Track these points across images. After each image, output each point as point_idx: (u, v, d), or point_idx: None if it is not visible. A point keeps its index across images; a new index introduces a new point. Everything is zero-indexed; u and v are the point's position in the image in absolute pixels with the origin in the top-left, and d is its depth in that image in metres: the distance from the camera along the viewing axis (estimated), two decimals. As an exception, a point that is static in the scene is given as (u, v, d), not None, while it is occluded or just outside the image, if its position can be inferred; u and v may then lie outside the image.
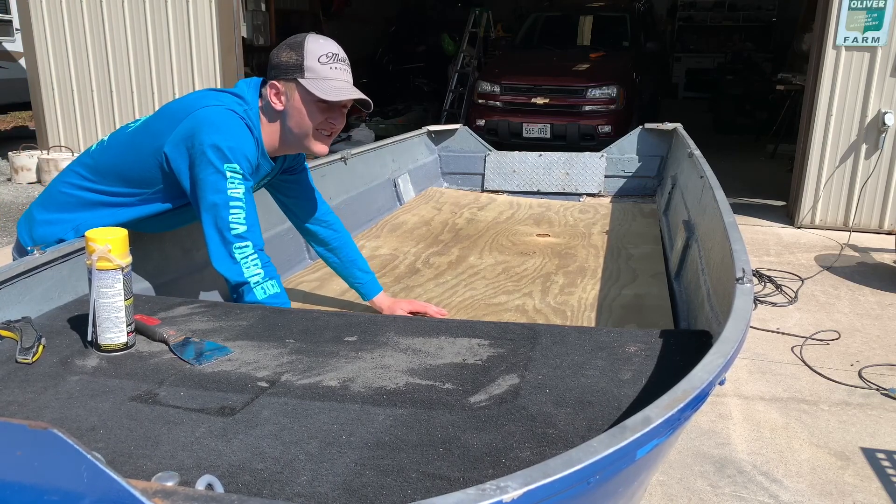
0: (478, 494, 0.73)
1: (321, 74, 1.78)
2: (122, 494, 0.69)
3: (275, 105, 1.82)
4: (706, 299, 1.86)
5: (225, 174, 1.74)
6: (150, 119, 1.89)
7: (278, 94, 1.82)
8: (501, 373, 1.32)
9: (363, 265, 2.30)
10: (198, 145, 1.74)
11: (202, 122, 1.75)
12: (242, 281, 1.77)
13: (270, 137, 1.88)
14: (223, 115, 1.77)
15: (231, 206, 1.75)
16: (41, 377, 1.32)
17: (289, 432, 1.12)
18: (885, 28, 5.42)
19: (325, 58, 1.79)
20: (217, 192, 1.75)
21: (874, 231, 5.70)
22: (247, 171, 1.79)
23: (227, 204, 1.75)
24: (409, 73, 12.81)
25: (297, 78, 1.78)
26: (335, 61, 1.81)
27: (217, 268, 1.78)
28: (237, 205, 1.76)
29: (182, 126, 1.77)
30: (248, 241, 1.78)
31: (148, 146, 1.82)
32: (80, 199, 1.90)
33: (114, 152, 1.89)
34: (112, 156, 1.88)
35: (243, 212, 1.77)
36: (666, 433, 0.94)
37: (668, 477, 2.48)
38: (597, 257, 2.99)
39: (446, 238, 3.30)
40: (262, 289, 1.79)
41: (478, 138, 4.62)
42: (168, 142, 1.78)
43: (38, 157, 7.51)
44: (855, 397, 3.07)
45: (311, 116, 1.82)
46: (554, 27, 9.66)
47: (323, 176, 3.19)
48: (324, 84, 1.78)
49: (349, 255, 2.28)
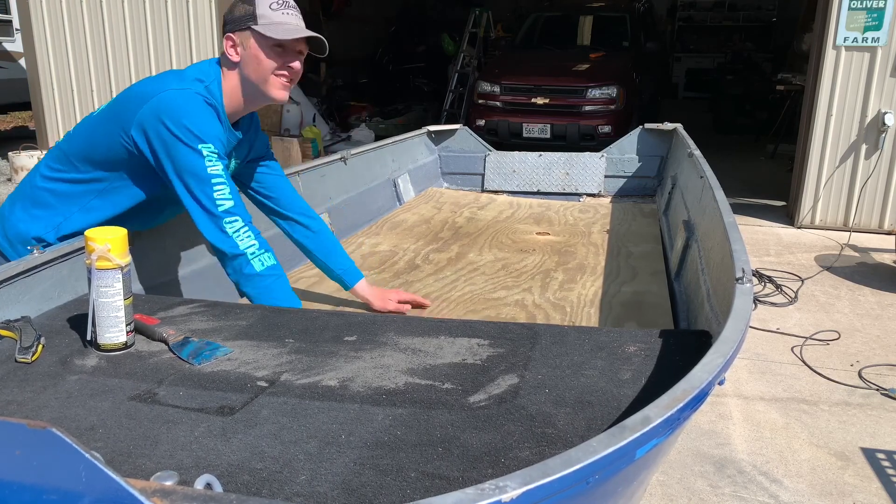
0: (477, 494, 0.73)
1: (273, 20, 1.83)
2: (120, 494, 0.69)
3: (231, 57, 1.86)
4: (706, 299, 1.86)
5: (201, 153, 1.76)
6: (113, 102, 1.89)
7: (234, 46, 1.86)
8: (501, 372, 1.32)
9: (343, 252, 2.29)
10: (168, 129, 1.75)
11: (168, 106, 1.76)
12: (239, 252, 1.79)
13: (232, 97, 1.90)
14: (188, 97, 1.78)
15: (214, 184, 1.76)
16: (40, 376, 1.32)
17: (288, 432, 1.12)
18: (885, 28, 5.42)
19: (275, 4, 1.85)
20: (197, 172, 1.76)
21: (874, 231, 5.70)
22: (221, 151, 1.81)
23: (209, 182, 1.76)
24: (409, 73, 12.81)
25: (251, 26, 1.83)
26: (285, 7, 1.86)
27: (212, 242, 1.79)
28: (220, 181, 1.77)
29: (146, 109, 1.77)
30: (236, 215, 1.79)
31: (113, 128, 1.83)
32: (53, 191, 1.90)
33: (81, 138, 1.90)
34: (79, 141, 1.90)
35: (227, 187, 1.78)
36: (665, 433, 0.94)
37: (668, 477, 2.48)
38: (596, 255, 2.99)
39: (446, 236, 3.30)
40: (259, 261, 1.80)
41: (478, 138, 4.62)
42: (133, 125, 1.79)
43: (38, 158, 7.51)
44: (855, 397, 3.07)
45: (267, 61, 1.85)
46: (554, 27, 9.66)
47: (323, 176, 3.19)
48: (276, 27, 1.83)
49: (329, 240, 2.27)
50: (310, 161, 3.33)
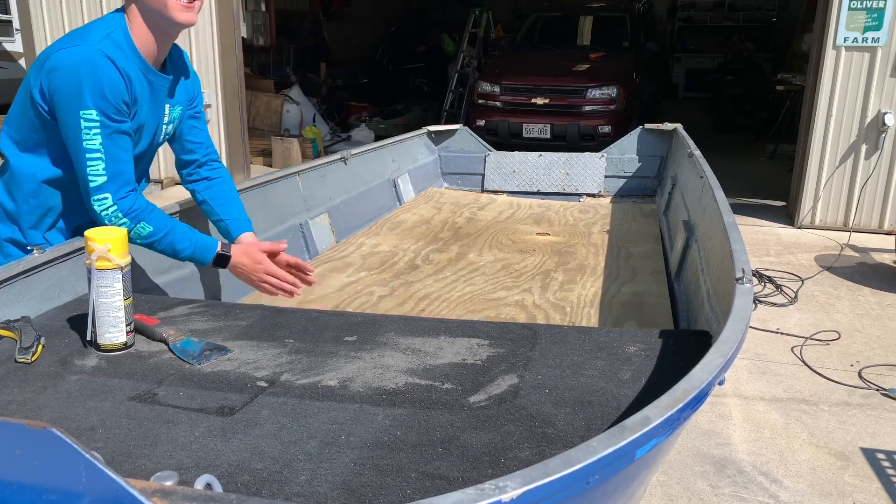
0: (477, 494, 0.73)
1: None
2: (120, 494, 0.69)
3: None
4: (706, 299, 1.86)
5: (79, 123, 1.70)
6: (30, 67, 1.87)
7: None
8: (501, 373, 1.32)
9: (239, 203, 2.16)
10: (55, 94, 1.72)
11: (57, 69, 1.71)
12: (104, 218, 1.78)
13: (141, 35, 1.83)
14: (77, 55, 1.71)
15: (88, 159, 1.72)
16: (40, 376, 1.32)
17: (288, 432, 1.12)
18: (885, 28, 5.42)
19: None
20: (75, 144, 1.72)
21: (874, 231, 5.70)
22: (109, 112, 1.73)
23: (84, 156, 1.72)
24: (409, 73, 12.80)
25: None
26: None
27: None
28: (94, 156, 1.72)
29: (42, 72, 1.74)
30: (106, 192, 1.75)
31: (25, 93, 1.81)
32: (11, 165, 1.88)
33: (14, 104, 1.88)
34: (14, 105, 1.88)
35: (101, 162, 1.73)
36: (665, 433, 0.94)
37: (668, 477, 2.48)
38: (596, 255, 2.99)
39: (446, 236, 3.30)
40: (135, 233, 1.79)
41: (478, 138, 4.62)
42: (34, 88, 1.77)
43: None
44: (855, 397, 3.07)
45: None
46: (554, 27, 9.66)
47: (323, 176, 3.19)
48: None
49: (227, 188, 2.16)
50: (310, 161, 3.33)
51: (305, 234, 2.92)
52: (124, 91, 1.75)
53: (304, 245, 2.90)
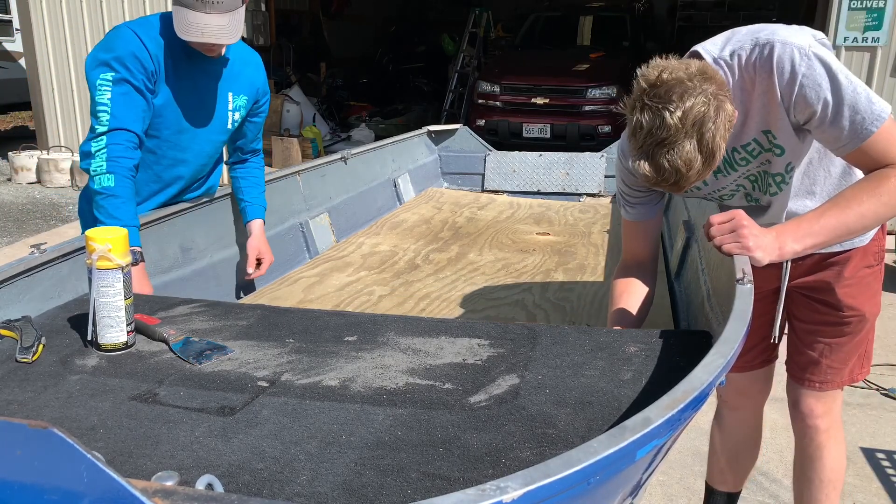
0: (478, 494, 0.73)
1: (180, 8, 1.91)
2: (121, 494, 0.69)
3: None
4: (706, 300, 1.86)
5: (95, 83, 1.94)
6: None
7: None
8: (501, 373, 1.32)
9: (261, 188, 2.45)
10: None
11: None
12: (88, 170, 1.94)
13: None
14: (111, 31, 2.00)
15: (98, 112, 1.94)
16: (41, 376, 1.32)
17: (288, 432, 1.12)
18: (885, 28, 5.42)
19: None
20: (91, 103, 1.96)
21: (874, 231, 5.70)
22: (121, 69, 1.93)
23: (95, 111, 1.95)
24: (409, 73, 12.81)
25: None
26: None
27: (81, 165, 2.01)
28: (103, 109, 1.93)
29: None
30: (103, 136, 1.93)
31: None
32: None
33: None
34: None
35: (107, 114, 1.93)
36: (666, 434, 0.94)
37: (668, 477, 2.48)
38: (596, 255, 2.99)
39: (446, 236, 3.30)
40: (98, 179, 1.92)
41: (478, 138, 4.62)
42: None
43: (37, 158, 7.51)
44: (855, 397, 3.07)
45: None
46: (554, 27, 9.66)
47: (323, 176, 3.19)
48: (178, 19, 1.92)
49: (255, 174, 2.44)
50: (310, 161, 3.33)
51: (306, 234, 2.92)
52: (144, 56, 1.96)
53: (305, 245, 2.90)
